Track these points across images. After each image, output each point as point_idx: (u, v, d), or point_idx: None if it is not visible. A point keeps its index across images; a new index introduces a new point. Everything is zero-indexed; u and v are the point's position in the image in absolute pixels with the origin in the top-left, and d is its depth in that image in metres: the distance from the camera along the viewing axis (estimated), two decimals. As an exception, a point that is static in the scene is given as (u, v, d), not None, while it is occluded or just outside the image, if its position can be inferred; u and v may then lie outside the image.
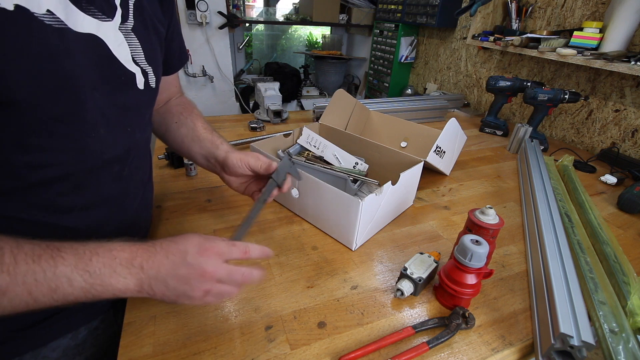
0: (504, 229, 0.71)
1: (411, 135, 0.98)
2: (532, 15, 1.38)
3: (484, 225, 0.51)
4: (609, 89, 1.14)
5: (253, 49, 2.87)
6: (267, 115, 1.26)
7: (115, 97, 0.42)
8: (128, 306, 0.49)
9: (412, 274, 0.52)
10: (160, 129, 0.62)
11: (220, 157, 0.55)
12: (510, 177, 0.96)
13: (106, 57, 0.40)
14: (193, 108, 0.63)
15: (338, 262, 0.59)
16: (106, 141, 0.42)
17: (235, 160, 0.53)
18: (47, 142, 0.37)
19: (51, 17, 0.33)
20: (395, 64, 2.10)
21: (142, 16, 0.45)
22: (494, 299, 0.54)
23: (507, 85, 1.21)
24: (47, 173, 0.38)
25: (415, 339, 0.47)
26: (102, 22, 0.39)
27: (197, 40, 2.04)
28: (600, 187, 0.93)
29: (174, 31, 0.56)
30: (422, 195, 0.83)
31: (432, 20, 1.75)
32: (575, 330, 0.41)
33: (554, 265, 0.53)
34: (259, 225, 0.68)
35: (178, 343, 0.44)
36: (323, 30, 3.02)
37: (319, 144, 0.85)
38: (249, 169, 0.53)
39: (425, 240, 0.67)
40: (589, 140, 1.23)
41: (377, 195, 0.59)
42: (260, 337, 0.45)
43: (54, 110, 0.36)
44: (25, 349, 0.47)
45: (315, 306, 0.51)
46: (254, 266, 0.41)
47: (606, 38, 1.06)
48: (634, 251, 0.68)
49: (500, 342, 0.47)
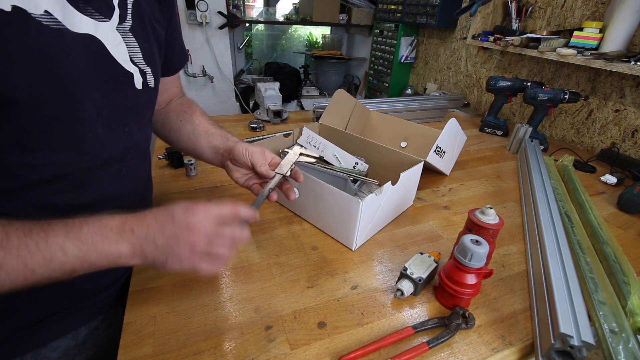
0: (504, 229, 0.71)
1: (411, 135, 0.98)
2: (532, 15, 1.38)
3: (484, 225, 0.51)
4: (609, 89, 1.14)
5: (253, 49, 2.87)
6: (267, 115, 1.26)
7: (113, 97, 0.42)
8: (128, 306, 0.49)
9: (412, 274, 0.52)
10: (163, 128, 0.62)
11: (230, 147, 0.56)
12: (510, 177, 0.96)
13: (104, 57, 0.40)
14: (196, 107, 0.63)
15: (338, 262, 0.59)
16: (104, 141, 0.43)
17: (241, 149, 0.53)
18: (45, 141, 0.37)
19: (49, 17, 0.33)
20: (395, 64, 2.10)
21: (141, 16, 0.45)
22: (494, 299, 0.54)
23: (507, 85, 1.21)
24: (46, 172, 0.38)
25: (415, 339, 0.47)
26: (100, 23, 0.39)
27: (197, 40, 2.04)
28: (600, 187, 0.93)
29: (174, 32, 0.56)
30: (422, 195, 0.83)
31: (432, 20, 1.75)
32: (575, 330, 0.41)
33: (554, 265, 0.53)
34: (259, 225, 0.68)
35: (178, 343, 0.44)
36: (323, 30, 3.02)
37: (319, 144, 0.85)
38: (250, 162, 0.53)
39: (425, 240, 0.67)
40: (589, 140, 1.23)
41: (377, 195, 0.59)
42: (260, 337, 0.45)
43: (52, 110, 0.36)
44: (25, 349, 0.47)
45: (315, 306, 0.51)
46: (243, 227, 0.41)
47: (606, 38, 1.06)
48: (634, 251, 0.68)
49: (500, 342, 0.47)
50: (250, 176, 0.57)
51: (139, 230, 0.36)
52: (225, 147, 0.57)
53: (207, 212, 0.38)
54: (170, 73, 0.61)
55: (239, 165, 0.55)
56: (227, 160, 0.56)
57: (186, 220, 0.37)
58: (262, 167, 0.52)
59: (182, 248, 0.37)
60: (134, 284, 0.53)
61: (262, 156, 0.53)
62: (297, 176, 0.55)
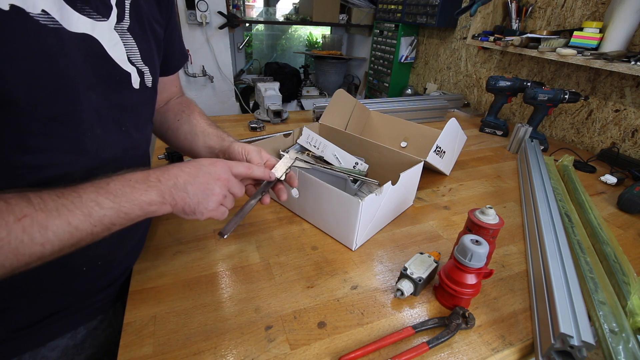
0: (504, 229, 0.71)
1: (411, 135, 0.98)
2: (532, 15, 1.38)
3: (484, 225, 0.51)
4: (609, 89, 1.14)
5: (253, 49, 2.87)
6: (267, 115, 1.26)
7: (110, 97, 0.42)
8: (128, 306, 0.49)
9: (412, 274, 0.52)
10: (161, 128, 0.62)
11: (225, 147, 0.56)
12: (510, 177, 0.96)
13: (101, 56, 0.40)
14: (195, 107, 0.63)
15: (338, 262, 0.59)
16: (103, 141, 0.42)
17: (238, 148, 0.54)
18: (44, 142, 0.37)
19: (46, 17, 0.33)
20: (395, 64, 2.10)
21: (139, 16, 0.45)
22: (494, 299, 0.54)
23: (507, 85, 1.21)
24: (45, 173, 0.38)
25: (415, 339, 0.47)
26: (97, 22, 0.39)
27: (197, 40, 2.04)
28: (600, 187, 0.93)
29: (173, 31, 0.56)
30: (422, 195, 0.83)
31: (432, 20, 1.75)
32: (575, 330, 0.41)
33: (554, 265, 0.53)
34: (259, 225, 0.68)
35: (178, 343, 0.44)
36: (323, 30, 3.02)
37: (319, 144, 0.85)
38: (246, 160, 0.53)
39: (425, 240, 0.67)
40: (589, 140, 1.23)
41: (377, 195, 0.59)
42: (260, 337, 0.45)
43: (50, 110, 0.36)
44: (24, 348, 0.47)
45: (315, 306, 0.51)
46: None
47: (606, 38, 1.06)
48: (634, 251, 0.68)
49: (500, 342, 0.47)
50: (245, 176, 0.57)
51: (166, 180, 0.40)
52: (220, 147, 0.56)
53: (228, 166, 0.46)
54: (169, 73, 0.60)
55: None
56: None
57: (215, 171, 0.44)
58: (259, 166, 0.52)
59: (214, 196, 0.43)
60: (134, 284, 0.53)
61: (259, 155, 0.53)
62: (292, 181, 0.56)
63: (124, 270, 0.55)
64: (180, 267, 0.56)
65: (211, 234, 0.64)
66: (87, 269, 0.47)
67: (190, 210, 0.42)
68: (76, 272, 0.46)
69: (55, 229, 0.32)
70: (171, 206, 0.40)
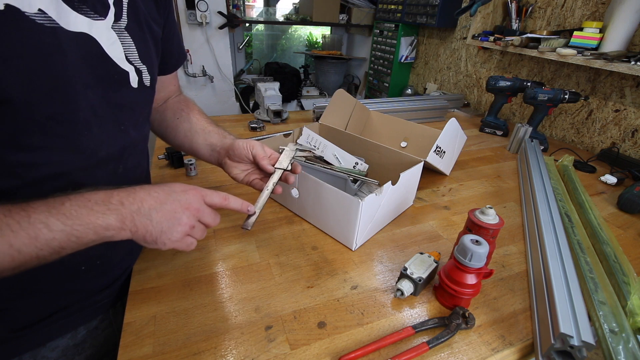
0: (504, 229, 0.71)
1: (411, 135, 0.97)
2: (532, 15, 1.38)
3: (484, 225, 0.51)
4: (609, 89, 1.14)
5: (253, 49, 2.87)
6: (267, 115, 1.26)
7: (108, 96, 0.42)
8: (128, 306, 0.49)
9: (412, 274, 0.52)
10: (160, 126, 0.62)
11: (227, 144, 0.56)
12: (510, 177, 0.96)
13: (99, 55, 0.40)
14: (194, 105, 0.63)
15: (338, 262, 0.59)
16: (100, 139, 0.42)
17: (242, 143, 0.54)
18: (41, 141, 0.37)
19: (43, 16, 0.33)
20: (395, 64, 2.10)
21: (137, 15, 0.45)
22: (494, 299, 0.54)
23: (507, 85, 1.21)
24: (43, 172, 0.38)
25: (415, 339, 0.47)
26: (95, 21, 0.39)
27: (197, 40, 2.04)
28: (600, 187, 0.93)
29: (171, 30, 0.56)
30: (422, 195, 0.83)
31: (432, 20, 1.75)
32: (575, 330, 0.41)
33: (554, 265, 0.53)
34: (259, 225, 0.68)
35: (178, 343, 0.44)
36: (323, 30, 3.02)
37: (319, 144, 0.85)
38: (251, 155, 0.54)
39: (425, 240, 0.67)
40: (589, 140, 1.23)
41: (377, 195, 0.59)
42: (260, 337, 0.45)
43: (47, 109, 0.36)
44: (24, 349, 0.47)
45: (315, 306, 0.51)
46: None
47: (606, 38, 1.06)
48: (634, 251, 0.68)
49: (500, 342, 0.47)
50: (251, 171, 0.57)
51: (130, 204, 0.36)
52: (222, 144, 0.57)
53: (201, 195, 0.43)
54: (168, 71, 0.60)
55: (238, 160, 0.55)
56: (225, 157, 0.56)
57: (185, 199, 0.40)
58: (264, 159, 0.53)
59: (180, 226, 0.40)
60: (134, 284, 0.53)
61: (263, 150, 0.54)
62: (295, 168, 0.56)
63: (123, 270, 0.55)
64: (180, 267, 0.56)
65: (211, 234, 0.64)
66: (86, 268, 0.47)
67: (152, 240, 0.38)
68: (75, 272, 0.47)
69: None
70: (131, 232, 0.37)
